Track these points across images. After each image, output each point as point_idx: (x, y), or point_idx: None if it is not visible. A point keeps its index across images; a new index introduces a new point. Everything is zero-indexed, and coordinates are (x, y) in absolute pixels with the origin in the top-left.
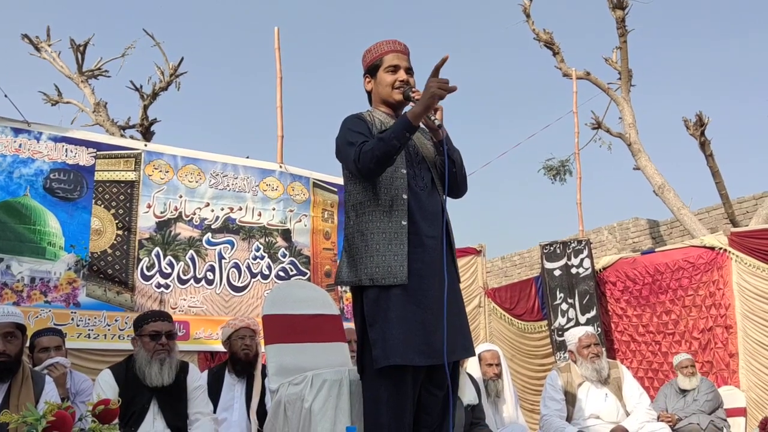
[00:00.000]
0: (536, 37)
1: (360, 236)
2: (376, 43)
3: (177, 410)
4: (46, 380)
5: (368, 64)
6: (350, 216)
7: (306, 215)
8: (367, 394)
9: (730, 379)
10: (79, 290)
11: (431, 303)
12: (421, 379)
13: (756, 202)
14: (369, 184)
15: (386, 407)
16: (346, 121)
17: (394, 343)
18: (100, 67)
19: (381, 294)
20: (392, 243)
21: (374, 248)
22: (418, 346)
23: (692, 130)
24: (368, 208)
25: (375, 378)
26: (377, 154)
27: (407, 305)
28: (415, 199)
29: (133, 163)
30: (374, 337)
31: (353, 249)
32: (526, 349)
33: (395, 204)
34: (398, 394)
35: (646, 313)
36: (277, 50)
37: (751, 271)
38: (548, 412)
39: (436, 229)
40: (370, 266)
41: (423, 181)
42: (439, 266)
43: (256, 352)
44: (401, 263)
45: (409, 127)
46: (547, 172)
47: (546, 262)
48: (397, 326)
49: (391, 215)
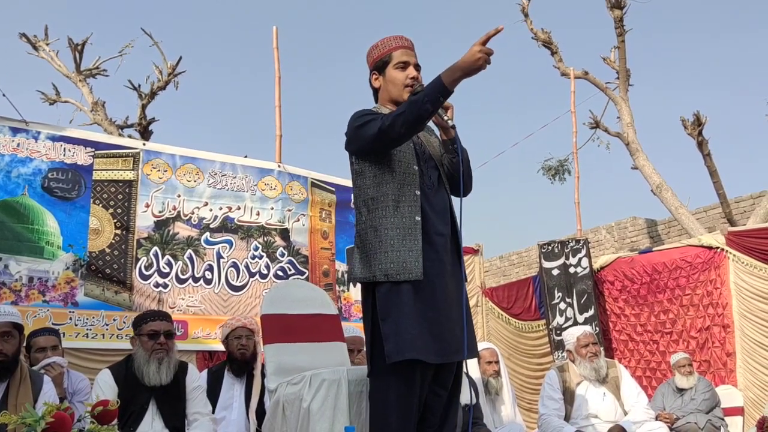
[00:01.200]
0: (534, 37)
1: (373, 231)
2: (382, 39)
3: (175, 410)
4: (44, 380)
5: (375, 61)
6: (362, 212)
7: (304, 215)
8: (376, 392)
9: (727, 378)
10: (77, 290)
11: (440, 301)
12: (429, 379)
13: (753, 202)
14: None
15: (394, 405)
16: (356, 113)
17: (407, 337)
18: (98, 67)
19: (393, 288)
20: (406, 238)
21: (388, 243)
22: (430, 343)
23: (690, 130)
24: (381, 203)
25: (385, 376)
26: (409, 118)
27: (418, 301)
28: (425, 197)
29: (132, 163)
30: (386, 332)
31: (366, 245)
32: (524, 349)
33: (408, 199)
34: (408, 393)
35: (644, 312)
36: (276, 49)
37: (749, 270)
38: (546, 412)
39: (445, 226)
40: (384, 261)
41: (430, 180)
42: (448, 264)
43: (254, 352)
44: (416, 258)
45: (444, 92)
46: (545, 172)
47: (544, 261)
48: (411, 321)
49: (405, 211)
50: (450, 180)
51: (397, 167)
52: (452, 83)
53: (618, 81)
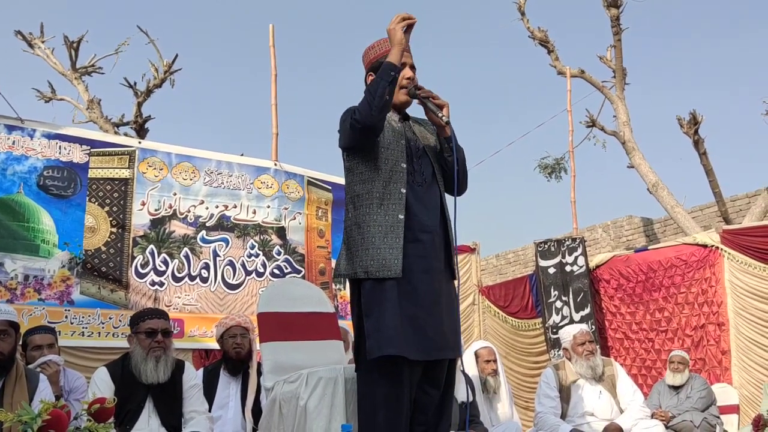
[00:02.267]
0: (531, 35)
1: (357, 228)
2: (379, 40)
3: (172, 408)
4: (40, 378)
5: (371, 62)
6: (349, 208)
7: (300, 213)
8: (362, 389)
9: (722, 376)
10: (73, 288)
11: (423, 298)
12: (417, 377)
13: (749, 200)
14: (368, 176)
15: (381, 403)
16: (346, 110)
17: (388, 334)
18: (94, 64)
19: (376, 286)
20: (388, 236)
21: (370, 241)
22: (411, 340)
23: (686, 129)
24: (366, 200)
25: (370, 372)
26: (372, 99)
27: (401, 299)
28: (414, 194)
29: (127, 161)
30: (369, 329)
31: (350, 241)
32: (521, 347)
33: (393, 197)
34: (394, 390)
35: (640, 310)
36: (272, 47)
37: (743, 268)
38: (543, 410)
39: (435, 222)
40: (365, 259)
41: (422, 176)
42: (435, 261)
43: (250, 350)
44: (396, 257)
45: (391, 66)
46: (542, 170)
47: (540, 259)
48: (392, 318)
49: (389, 208)
50: (445, 177)
51: (383, 165)
52: (394, 57)
53: (614, 80)
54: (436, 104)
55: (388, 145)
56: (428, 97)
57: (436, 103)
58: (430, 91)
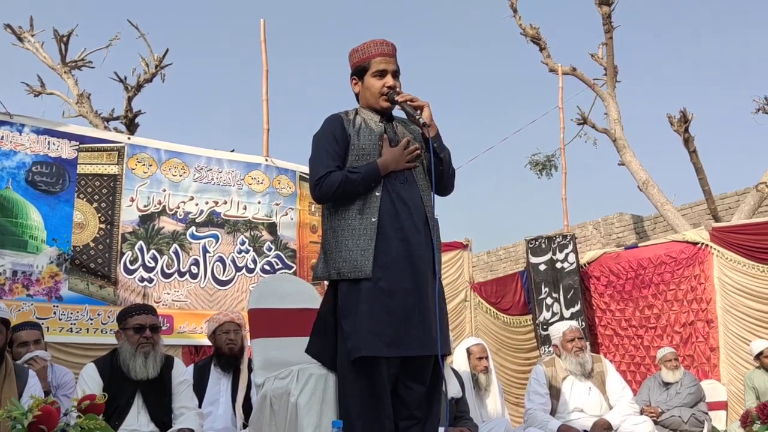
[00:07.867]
0: (523, 33)
1: (332, 233)
2: (363, 44)
3: (161, 404)
4: (29, 374)
5: (355, 66)
6: (325, 213)
7: (292, 209)
8: (340, 386)
9: (710, 373)
10: (61, 284)
11: (401, 296)
12: (395, 372)
13: (738, 198)
14: None
15: (358, 399)
16: (324, 124)
17: (363, 335)
18: (84, 58)
19: (351, 287)
20: (360, 239)
21: (343, 244)
22: (386, 337)
23: (676, 127)
24: (341, 206)
25: (347, 371)
26: (339, 191)
27: (377, 297)
28: (394, 193)
29: (116, 157)
30: (347, 330)
31: (326, 245)
32: (512, 343)
33: (367, 202)
34: (370, 386)
35: (629, 307)
36: (263, 42)
37: (732, 265)
38: (533, 406)
39: (416, 221)
40: (338, 261)
41: (403, 174)
42: (414, 259)
43: (241, 346)
44: (367, 258)
45: (378, 178)
46: (533, 166)
47: (531, 256)
48: (367, 318)
49: (363, 213)
50: (431, 176)
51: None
52: (385, 170)
53: (606, 77)
54: (414, 107)
55: (363, 147)
56: (406, 101)
57: (413, 106)
58: (409, 95)
